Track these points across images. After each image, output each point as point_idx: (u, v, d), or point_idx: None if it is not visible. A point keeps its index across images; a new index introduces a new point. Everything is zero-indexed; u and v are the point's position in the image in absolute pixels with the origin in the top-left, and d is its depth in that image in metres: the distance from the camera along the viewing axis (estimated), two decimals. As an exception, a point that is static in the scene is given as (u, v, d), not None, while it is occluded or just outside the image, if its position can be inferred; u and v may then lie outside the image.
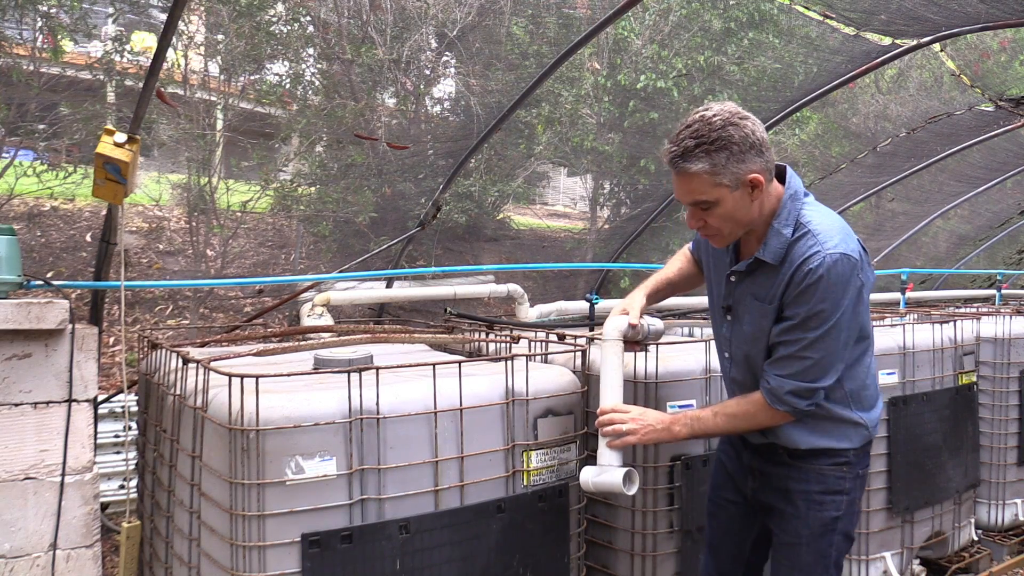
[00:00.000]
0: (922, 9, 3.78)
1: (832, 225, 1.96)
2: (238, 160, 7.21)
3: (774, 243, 1.97)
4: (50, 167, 5.89)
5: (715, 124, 1.86)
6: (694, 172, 1.88)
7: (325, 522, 1.95)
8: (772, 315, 2.01)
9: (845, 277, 1.90)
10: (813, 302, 1.91)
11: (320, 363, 2.30)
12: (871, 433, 2.15)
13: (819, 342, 1.93)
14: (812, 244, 1.92)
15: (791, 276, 1.94)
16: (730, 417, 2.09)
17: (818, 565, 2.11)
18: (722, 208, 1.92)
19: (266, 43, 6.23)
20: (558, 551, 2.33)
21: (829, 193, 6.29)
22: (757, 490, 2.23)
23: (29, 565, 2.45)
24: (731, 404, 2.12)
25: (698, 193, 1.91)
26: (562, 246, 9.67)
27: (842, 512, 2.10)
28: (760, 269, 2.02)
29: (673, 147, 1.90)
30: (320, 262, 7.64)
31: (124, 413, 3.81)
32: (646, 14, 6.95)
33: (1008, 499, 4.24)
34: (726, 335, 2.18)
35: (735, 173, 1.88)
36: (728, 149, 1.86)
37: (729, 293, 2.13)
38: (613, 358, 2.23)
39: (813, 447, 2.09)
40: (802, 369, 1.96)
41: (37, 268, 6.42)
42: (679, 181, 1.93)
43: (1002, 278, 7.55)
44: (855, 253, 1.93)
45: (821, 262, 1.89)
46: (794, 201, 1.99)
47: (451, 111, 7.49)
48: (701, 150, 1.86)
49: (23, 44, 5.41)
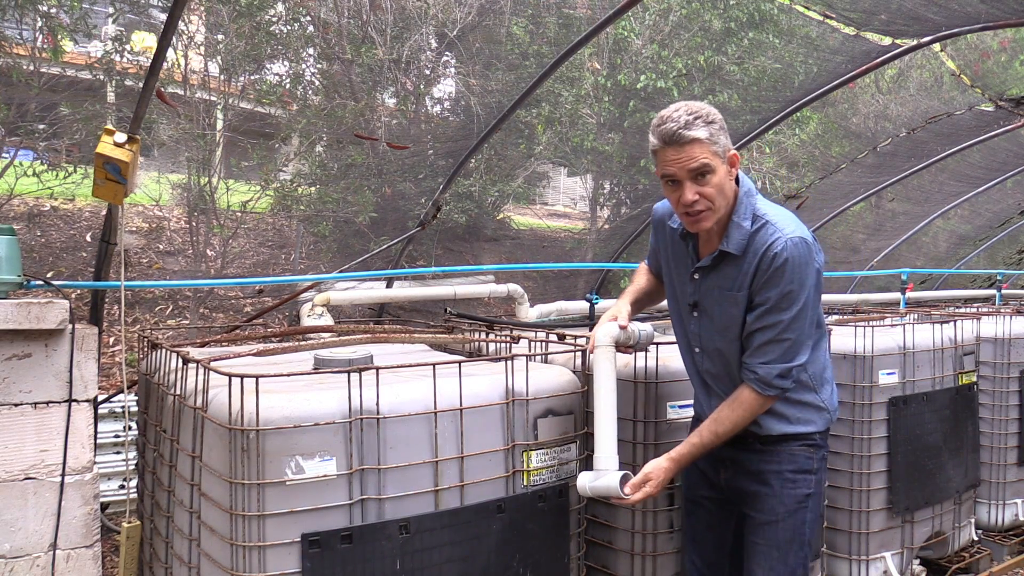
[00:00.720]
0: (922, 9, 3.78)
1: (786, 215, 2.16)
2: (238, 160, 7.21)
3: (736, 235, 2.13)
4: (50, 167, 5.89)
5: (700, 105, 2.08)
6: (696, 138, 2.02)
7: (325, 522, 1.95)
8: (743, 302, 2.15)
9: (806, 258, 2.08)
10: (783, 284, 2.07)
11: (320, 363, 2.30)
12: (832, 416, 2.32)
13: (794, 322, 2.10)
14: (773, 232, 2.10)
15: (758, 263, 2.10)
16: (729, 425, 2.17)
17: (794, 542, 2.24)
18: (717, 177, 2.06)
19: (266, 43, 6.23)
20: (558, 551, 2.33)
21: (829, 193, 6.29)
22: (730, 478, 2.33)
23: (29, 565, 2.45)
24: (724, 417, 2.18)
25: (701, 157, 2.03)
26: (562, 246, 9.67)
27: (812, 490, 2.26)
28: (724, 262, 2.17)
29: (671, 123, 2.03)
30: (320, 262, 7.64)
31: (124, 413, 3.81)
32: (646, 14, 6.95)
33: (1008, 499, 4.24)
34: (695, 331, 2.31)
35: (724, 145, 2.07)
36: (717, 123, 2.06)
37: (695, 290, 2.26)
38: (607, 364, 2.27)
39: (783, 433, 2.24)
40: (784, 351, 2.12)
41: (37, 268, 6.43)
42: (680, 152, 2.04)
43: (1002, 278, 7.56)
44: (810, 237, 2.12)
45: (784, 246, 2.06)
46: (748, 197, 2.17)
47: (451, 111, 7.50)
48: (699, 120, 2.03)
49: (23, 44, 5.41)
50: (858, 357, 3.41)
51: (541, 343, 2.75)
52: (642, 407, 2.69)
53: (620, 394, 2.66)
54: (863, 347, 3.40)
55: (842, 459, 3.41)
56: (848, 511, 3.42)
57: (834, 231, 7.64)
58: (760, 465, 2.26)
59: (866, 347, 3.40)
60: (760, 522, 2.27)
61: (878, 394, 3.42)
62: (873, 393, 3.41)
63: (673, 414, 2.69)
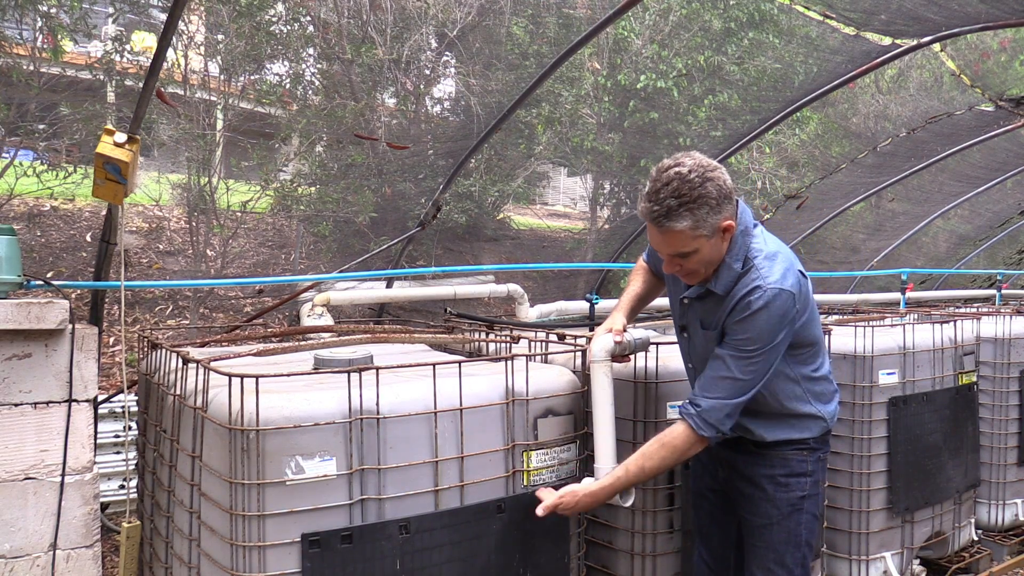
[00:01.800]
0: (922, 9, 3.78)
1: (776, 258, 2.11)
2: (238, 160, 7.21)
3: (725, 276, 2.12)
4: (50, 167, 5.88)
5: (694, 182, 1.96)
6: (679, 230, 1.99)
7: (325, 522, 1.95)
8: (716, 340, 2.17)
9: (782, 310, 2.05)
10: (752, 331, 2.06)
11: (320, 363, 2.30)
12: (829, 424, 2.34)
13: (752, 366, 2.08)
14: (755, 278, 2.07)
15: (734, 305, 2.09)
16: (657, 462, 2.16)
17: (790, 543, 2.26)
18: (700, 255, 2.06)
19: (266, 43, 6.23)
20: (558, 551, 2.33)
21: (829, 193, 6.29)
22: (726, 479, 2.39)
23: (29, 565, 2.45)
24: (652, 450, 2.16)
25: (680, 246, 2.03)
26: (562, 246, 9.68)
27: (807, 492, 2.27)
28: (710, 297, 2.18)
29: (655, 207, 1.98)
30: (320, 262, 7.65)
31: (124, 413, 3.81)
32: (646, 14, 6.95)
33: (1008, 499, 4.24)
34: (685, 349, 2.39)
35: (713, 224, 2.01)
36: (708, 205, 1.98)
37: (683, 314, 2.32)
38: (603, 378, 2.33)
39: (777, 439, 2.26)
40: (734, 390, 2.10)
41: (37, 268, 6.43)
42: (662, 237, 2.04)
43: (1002, 278, 7.55)
44: (793, 288, 2.07)
45: (761, 295, 2.04)
46: (744, 236, 2.12)
47: (451, 111, 7.50)
48: (684, 208, 1.96)
49: (23, 44, 5.41)
50: (858, 357, 3.41)
51: (541, 343, 2.75)
52: (642, 407, 2.69)
53: (620, 394, 2.68)
54: (863, 347, 3.40)
55: (842, 459, 3.42)
56: (848, 511, 3.42)
57: (834, 231, 7.64)
58: (753, 469, 2.29)
59: (866, 347, 3.40)
60: (756, 525, 2.30)
61: (878, 394, 3.42)
62: (873, 393, 3.41)
63: (673, 414, 2.69)
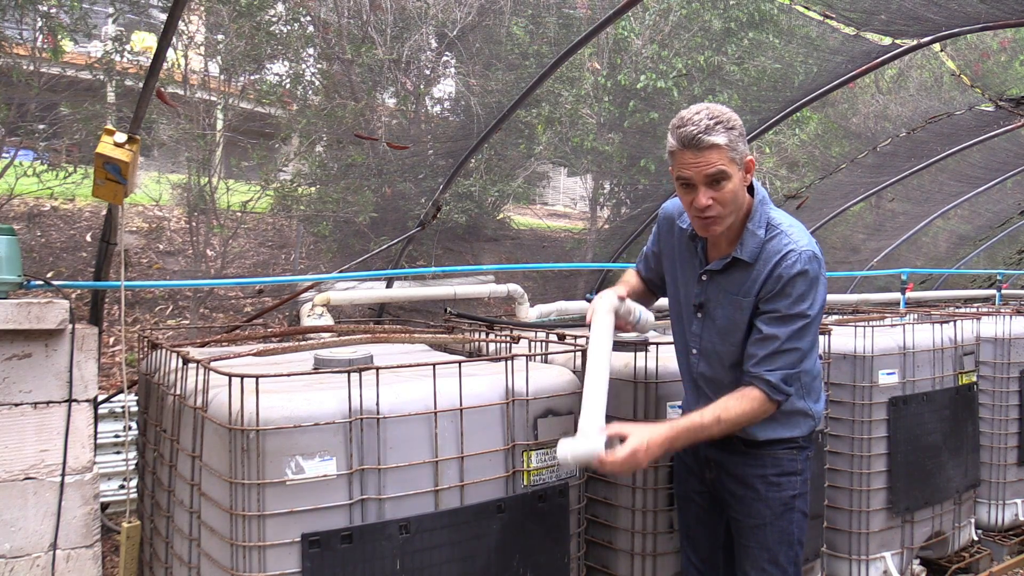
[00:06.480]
0: (922, 9, 3.78)
1: (798, 226, 2.19)
2: (238, 160, 7.21)
3: (750, 243, 2.15)
4: (50, 167, 5.89)
5: (723, 110, 2.07)
6: (715, 143, 2.02)
7: (325, 522, 1.95)
8: (748, 308, 2.16)
9: (817, 273, 2.12)
10: (795, 296, 2.09)
11: (320, 363, 2.30)
12: (816, 423, 2.35)
13: (803, 332, 2.11)
14: (787, 242, 2.12)
15: (769, 272, 2.11)
16: (735, 418, 2.13)
17: (783, 543, 2.26)
18: (732, 184, 2.07)
19: (266, 43, 6.23)
20: (558, 551, 2.33)
21: (829, 193, 6.29)
22: (715, 480, 2.36)
23: (29, 565, 2.45)
24: (731, 406, 2.13)
25: (718, 163, 2.04)
26: (562, 246, 9.67)
27: (798, 491, 2.28)
28: (735, 267, 2.19)
29: (692, 127, 2.03)
30: (320, 262, 7.65)
31: (124, 413, 3.81)
32: (646, 14, 6.95)
33: (1008, 499, 4.24)
34: (695, 332, 2.31)
35: (742, 152, 2.08)
36: (736, 128, 2.07)
37: (702, 291, 2.27)
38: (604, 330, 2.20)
39: (769, 438, 2.26)
40: (793, 360, 2.12)
41: (37, 268, 6.42)
42: (698, 157, 2.04)
43: (1002, 278, 7.56)
44: (820, 253, 2.15)
45: (798, 258, 2.09)
46: (763, 205, 2.20)
47: (451, 111, 7.49)
48: (720, 126, 2.03)
49: (23, 44, 5.41)
50: (858, 357, 3.41)
51: (541, 343, 2.75)
52: (642, 407, 2.69)
53: (620, 394, 2.68)
54: (863, 347, 3.40)
55: (842, 459, 3.42)
56: (848, 511, 3.42)
57: (834, 231, 7.64)
58: (744, 469, 2.27)
59: (866, 347, 3.40)
60: (748, 525, 2.28)
61: (878, 394, 3.43)
62: (873, 393, 3.41)
63: (673, 414, 2.69)
